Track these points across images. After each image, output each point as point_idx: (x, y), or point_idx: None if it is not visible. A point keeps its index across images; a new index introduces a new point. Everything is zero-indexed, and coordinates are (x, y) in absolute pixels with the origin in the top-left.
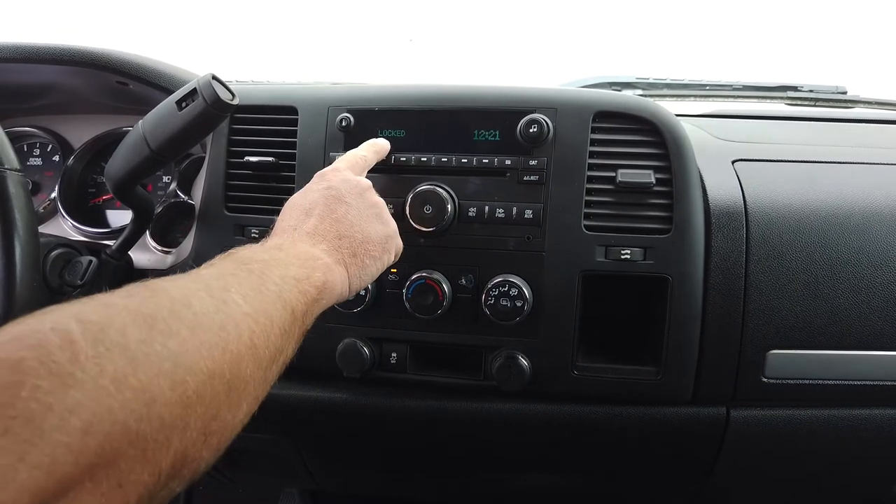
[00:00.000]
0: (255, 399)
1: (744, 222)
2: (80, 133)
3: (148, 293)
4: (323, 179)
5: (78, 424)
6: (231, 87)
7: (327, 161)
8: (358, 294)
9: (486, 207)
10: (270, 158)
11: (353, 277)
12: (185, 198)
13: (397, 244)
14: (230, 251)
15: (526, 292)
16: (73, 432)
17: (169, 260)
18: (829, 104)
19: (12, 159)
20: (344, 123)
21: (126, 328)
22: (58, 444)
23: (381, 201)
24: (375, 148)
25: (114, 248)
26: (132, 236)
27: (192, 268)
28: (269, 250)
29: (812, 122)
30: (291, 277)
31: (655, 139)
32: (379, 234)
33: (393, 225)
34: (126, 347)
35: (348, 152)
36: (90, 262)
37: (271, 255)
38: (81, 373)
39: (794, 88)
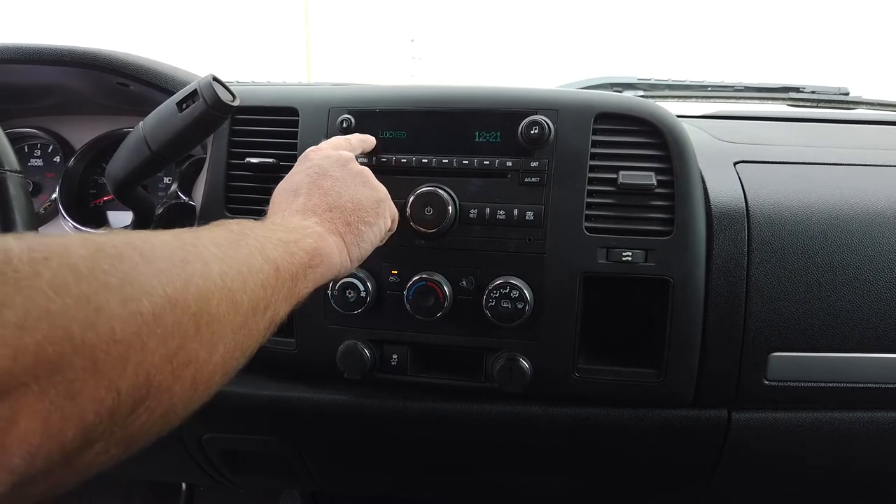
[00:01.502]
0: (237, 346)
1: (745, 224)
2: (80, 134)
3: (104, 232)
4: (305, 160)
5: (11, 318)
6: (232, 87)
7: None
8: (359, 295)
9: (487, 209)
10: (271, 159)
11: (351, 245)
12: (186, 199)
13: (391, 207)
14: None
15: (527, 294)
16: (7, 325)
17: None
18: (832, 105)
19: (13, 161)
20: (345, 125)
21: (70, 246)
22: None
23: (367, 169)
24: (361, 137)
25: None
26: None
27: None
28: (257, 223)
29: (814, 124)
30: (277, 239)
31: (657, 141)
32: (369, 199)
33: (382, 189)
34: (67, 258)
35: (336, 138)
36: None
37: (258, 224)
38: (13, 272)
39: (797, 89)
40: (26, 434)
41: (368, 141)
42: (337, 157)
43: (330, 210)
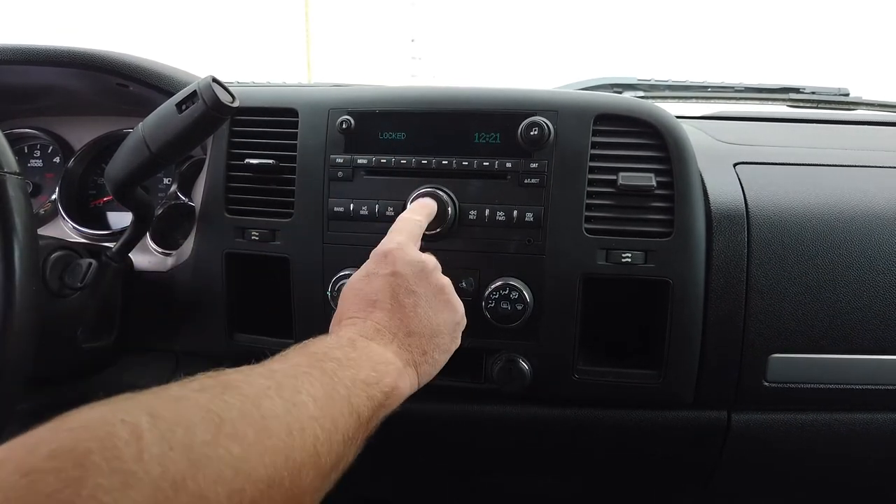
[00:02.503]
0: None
1: (745, 225)
2: (80, 134)
3: (219, 389)
4: (385, 263)
5: None
6: (231, 88)
7: (328, 163)
8: None
9: (487, 210)
10: (271, 161)
11: (423, 375)
12: (186, 200)
13: (463, 326)
14: (305, 343)
15: (526, 295)
16: None
17: (169, 262)
18: (832, 106)
19: (12, 163)
20: (344, 126)
21: (194, 427)
22: None
23: (447, 282)
24: (427, 210)
25: (114, 250)
26: (132, 238)
27: (192, 271)
28: (342, 347)
29: (814, 125)
30: (362, 381)
31: (656, 142)
32: (448, 325)
33: (460, 308)
34: (190, 448)
35: (401, 220)
36: (90, 264)
37: (345, 354)
38: (144, 473)
39: (797, 90)
40: None
41: (432, 210)
42: (421, 266)
43: (409, 336)
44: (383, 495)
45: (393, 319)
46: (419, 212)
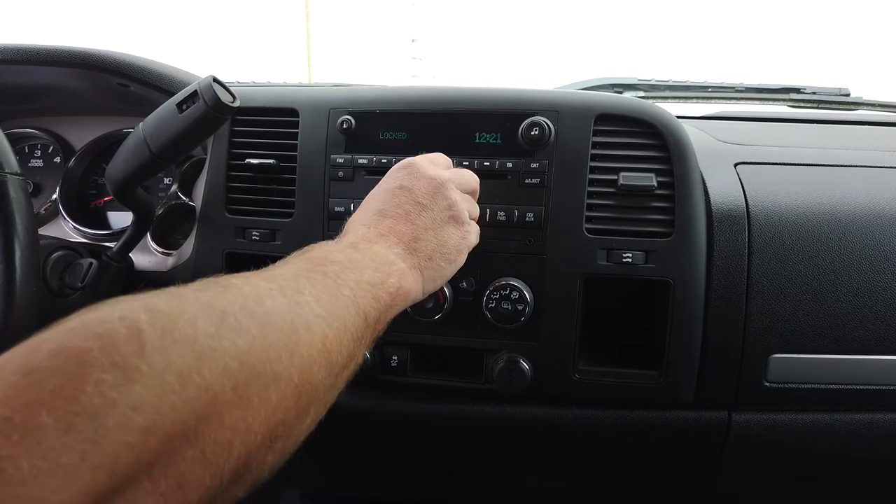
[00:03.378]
0: (324, 405)
1: (746, 226)
2: (81, 134)
3: (220, 288)
4: (398, 177)
5: (141, 422)
6: (232, 88)
7: (328, 163)
8: None
9: (488, 210)
10: (271, 160)
11: (428, 280)
12: (186, 199)
13: (470, 243)
14: (305, 249)
15: (527, 295)
16: (136, 431)
17: (170, 262)
18: (832, 106)
19: (12, 163)
20: (345, 126)
21: (196, 319)
22: (120, 443)
23: (458, 198)
24: (465, 174)
25: (114, 250)
26: (133, 238)
27: (192, 271)
28: (343, 250)
29: (815, 125)
30: (366, 282)
31: (657, 142)
32: (454, 238)
33: (468, 225)
34: (194, 340)
35: (426, 156)
36: (91, 264)
37: (347, 256)
38: (147, 366)
39: (797, 90)
40: None
41: (472, 183)
42: (431, 181)
43: (415, 240)
44: (384, 496)
45: (398, 225)
46: (444, 156)
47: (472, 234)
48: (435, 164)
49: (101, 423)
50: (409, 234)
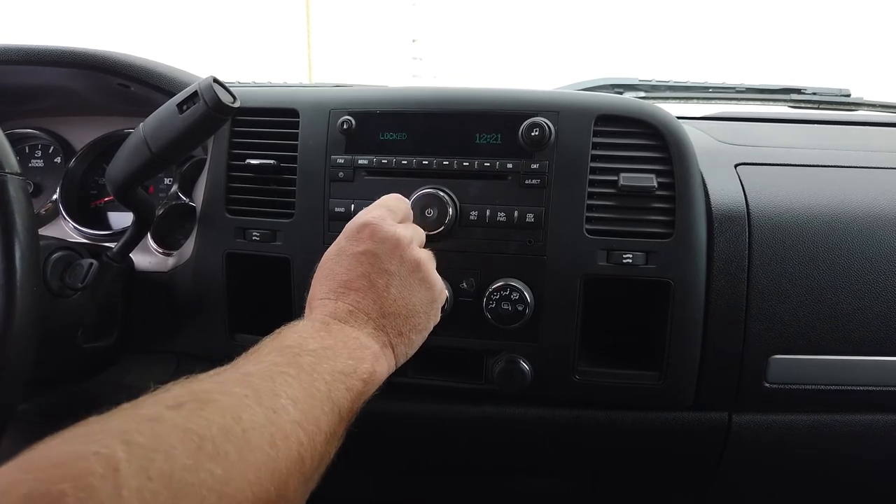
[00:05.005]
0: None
1: (746, 226)
2: (81, 135)
3: (196, 404)
4: (358, 239)
5: None
6: (232, 88)
7: (329, 164)
8: None
9: (488, 211)
10: (271, 161)
11: (400, 356)
12: (187, 200)
13: (442, 301)
14: (279, 332)
15: (527, 296)
16: None
17: (170, 262)
18: (833, 107)
19: (13, 163)
20: (345, 126)
21: (173, 451)
22: None
23: (423, 257)
24: (406, 211)
25: (115, 250)
26: (133, 239)
27: (193, 271)
28: (317, 334)
29: (815, 125)
30: (340, 372)
31: (658, 143)
32: (424, 303)
33: (438, 284)
34: (171, 477)
35: (386, 196)
36: (91, 264)
37: (321, 343)
38: None
39: (798, 91)
40: None
41: (407, 204)
42: (395, 243)
43: (384, 316)
44: (385, 496)
45: (366, 300)
46: (402, 203)
47: (442, 295)
48: (394, 212)
49: None
50: (378, 309)
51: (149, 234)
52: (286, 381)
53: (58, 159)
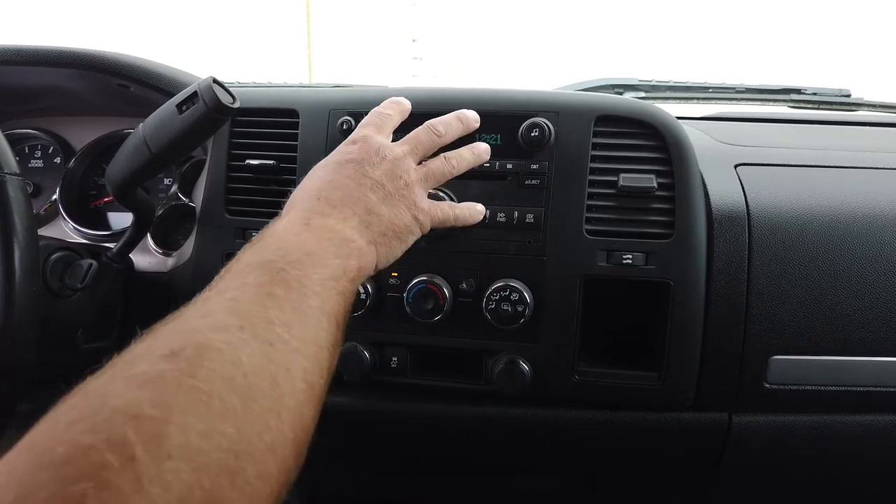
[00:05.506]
0: (313, 424)
1: (746, 227)
2: (81, 135)
3: (193, 351)
4: (348, 151)
5: None
6: (232, 88)
7: None
8: (358, 297)
9: (487, 211)
10: (271, 161)
11: (381, 257)
12: (186, 200)
13: (420, 229)
14: (255, 242)
15: (527, 297)
16: None
17: (170, 262)
18: (833, 107)
19: (12, 164)
20: (345, 126)
21: (185, 419)
22: None
23: (413, 178)
24: (399, 107)
25: (114, 250)
26: (133, 239)
27: (192, 272)
28: (298, 237)
29: (815, 126)
30: (329, 279)
31: (657, 143)
32: (405, 218)
33: (423, 207)
34: (188, 449)
35: (371, 113)
36: (90, 265)
37: (304, 250)
38: (147, 502)
39: (798, 91)
40: None
41: (405, 108)
42: (381, 156)
43: (369, 213)
44: (385, 496)
45: (350, 197)
46: (389, 106)
47: (425, 223)
48: (381, 126)
49: None
50: (362, 205)
51: (148, 235)
52: (277, 304)
53: (57, 159)
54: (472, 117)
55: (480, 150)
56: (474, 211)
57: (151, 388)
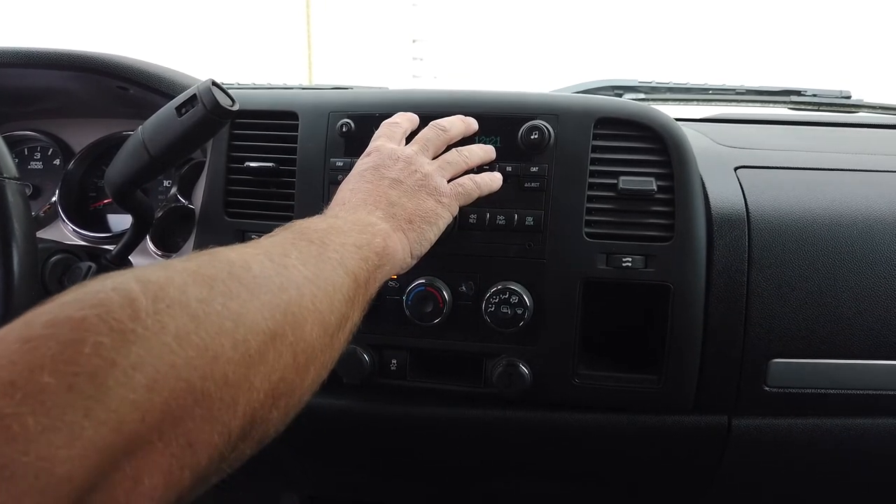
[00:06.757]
0: (323, 365)
1: (746, 230)
2: (80, 137)
3: (207, 257)
4: (365, 162)
5: (142, 380)
6: (231, 90)
7: (328, 167)
8: None
9: (487, 214)
10: (270, 164)
11: (414, 243)
12: (186, 202)
13: (449, 211)
14: (289, 224)
15: (527, 300)
16: (138, 388)
17: None
18: (833, 109)
19: (11, 168)
20: (344, 129)
21: (186, 287)
22: (123, 400)
23: (430, 170)
24: (408, 117)
25: (114, 253)
26: (132, 241)
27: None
28: (326, 219)
29: (816, 127)
30: (352, 244)
31: (657, 146)
32: (430, 204)
33: (445, 196)
34: (186, 305)
35: (382, 124)
36: (90, 267)
37: (329, 224)
38: (143, 329)
39: (798, 93)
40: (150, 490)
41: (415, 120)
42: (394, 157)
43: (392, 206)
44: (384, 499)
45: (372, 195)
46: (398, 117)
47: (451, 204)
48: (391, 135)
49: (102, 381)
50: (386, 199)
51: (148, 237)
52: (296, 248)
53: (57, 161)
54: (471, 120)
55: (489, 149)
56: (494, 177)
57: (158, 268)
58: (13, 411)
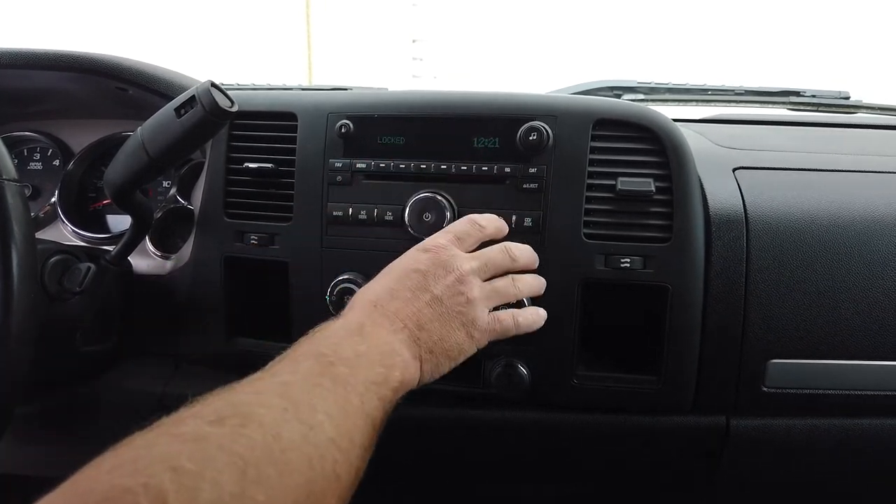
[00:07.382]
0: None
1: (744, 231)
2: (80, 138)
3: (238, 421)
4: (417, 259)
5: None
6: (230, 91)
7: (327, 167)
8: None
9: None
10: (270, 165)
11: (426, 373)
12: (185, 203)
13: (478, 340)
14: (313, 334)
15: (525, 300)
16: None
17: (168, 265)
18: (832, 109)
19: (10, 169)
20: (343, 130)
21: (220, 479)
22: None
23: (477, 296)
24: (497, 225)
25: (113, 254)
26: (131, 242)
27: (191, 275)
28: (351, 338)
29: (814, 128)
30: (372, 383)
31: (656, 147)
32: (458, 338)
33: (480, 322)
34: (220, 500)
35: (466, 217)
36: (89, 268)
37: (354, 349)
38: None
39: (797, 93)
40: None
41: (503, 227)
42: (447, 270)
43: (420, 329)
44: (382, 500)
45: (406, 309)
46: (484, 221)
47: (482, 340)
48: (462, 240)
49: None
50: (415, 320)
51: (147, 237)
52: (322, 394)
53: (56, 162)
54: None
55: (542, 282)
56: (538, 316)
57: (193, 445)
58: None
